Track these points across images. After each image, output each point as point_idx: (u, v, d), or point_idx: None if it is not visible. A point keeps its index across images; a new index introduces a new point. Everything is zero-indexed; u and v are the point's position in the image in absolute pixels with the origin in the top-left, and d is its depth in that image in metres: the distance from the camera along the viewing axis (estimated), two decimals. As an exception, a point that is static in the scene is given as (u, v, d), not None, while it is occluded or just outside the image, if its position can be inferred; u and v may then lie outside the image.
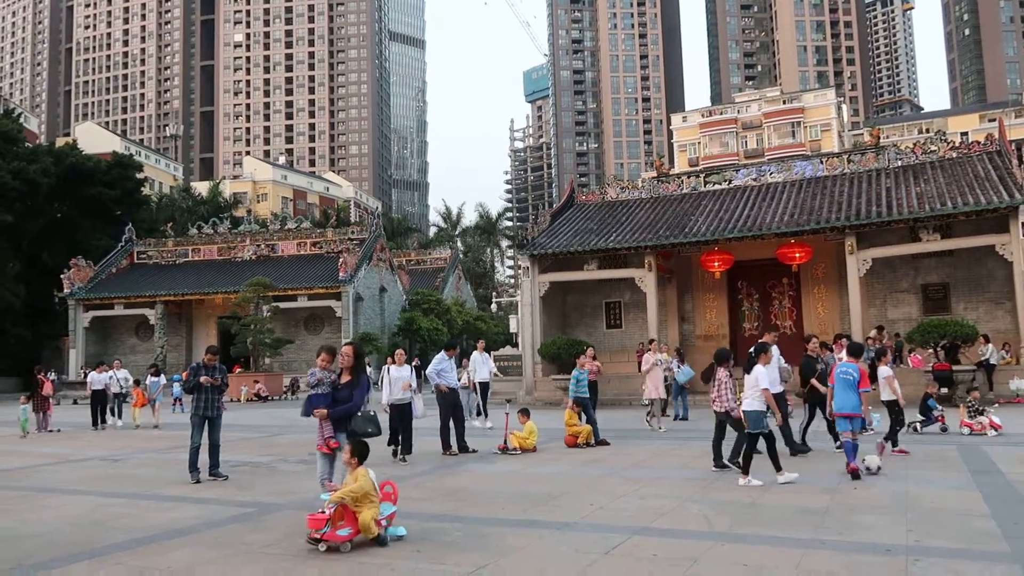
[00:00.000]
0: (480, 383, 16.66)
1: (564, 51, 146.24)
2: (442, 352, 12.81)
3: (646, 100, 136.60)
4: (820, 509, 7.17)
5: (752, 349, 9.92)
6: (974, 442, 10.76)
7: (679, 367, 17.88)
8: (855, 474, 8.59)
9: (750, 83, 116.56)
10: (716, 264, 23.32)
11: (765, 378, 8.71)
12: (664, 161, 31.54)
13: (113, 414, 19.53)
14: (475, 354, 17.03)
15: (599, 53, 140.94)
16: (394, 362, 11.65)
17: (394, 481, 6.80)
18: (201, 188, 78.32)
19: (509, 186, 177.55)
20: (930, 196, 20.90)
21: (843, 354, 17.29)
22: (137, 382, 20.41)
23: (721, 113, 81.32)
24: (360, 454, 6.41)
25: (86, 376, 36.84)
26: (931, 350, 19.68)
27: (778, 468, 8.56)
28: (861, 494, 7.88)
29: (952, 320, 19.96)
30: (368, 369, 21.90)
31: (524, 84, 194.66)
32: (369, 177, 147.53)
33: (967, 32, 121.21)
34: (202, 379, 9.89)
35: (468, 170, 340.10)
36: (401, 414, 11.23)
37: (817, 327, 23.41)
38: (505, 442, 12.13)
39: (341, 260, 38.96)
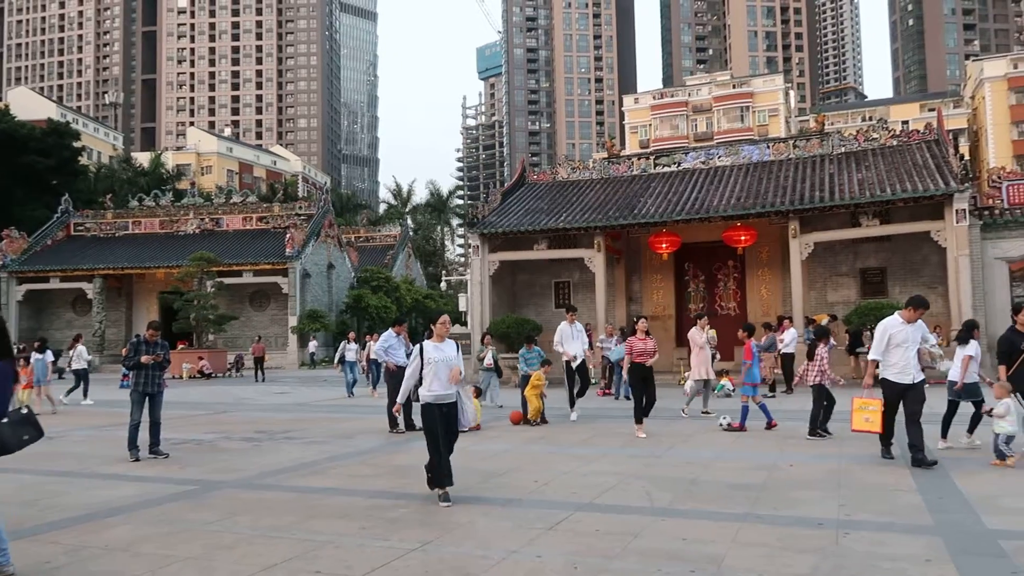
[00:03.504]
0: (568, 362, 13.40)
1: (518, 28, 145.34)
2: (390, 330, 12.79)
3: (599, 81, 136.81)
4: (757, 485, 7.40)
5: (964, 324, 9.93)
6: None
7: (615, 345, 18.15)
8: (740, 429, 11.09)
9: (701, 67, 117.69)
10: (664, 246, 23.63)
11: (973, 348, 9.23)
12: (615, 142, 31.74)
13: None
14: (563, 325, 13.60)
15: (553, 32, 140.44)
16: (427, 337, 7.47)
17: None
18: (142, 159, 75.85)
19: (460, 164, 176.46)
20: (871, 183, 21.48)
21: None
22: (26, 359, 16.99)
23: (672, 96, 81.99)
24: None
25: (20, 352, 35.49)
26: (868, 332, 20.33)
27: (943, 435, 9.29)
28: (796, 471, 8.15)
29: (888, 303, 20.63)
30: (351, 347, 21.24)
31: (477, 61, 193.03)
32: (318, 152, 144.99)
33: (911, 22, 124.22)
34: (143, 359, 9.68)
35: (419, 147, 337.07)
36: (445, 420, 6.97)
37: (760, 309, 23.98)
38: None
39: (288, 236, 38.29)
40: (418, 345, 7.16)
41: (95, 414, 16.32)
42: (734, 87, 79.09)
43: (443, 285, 58.33)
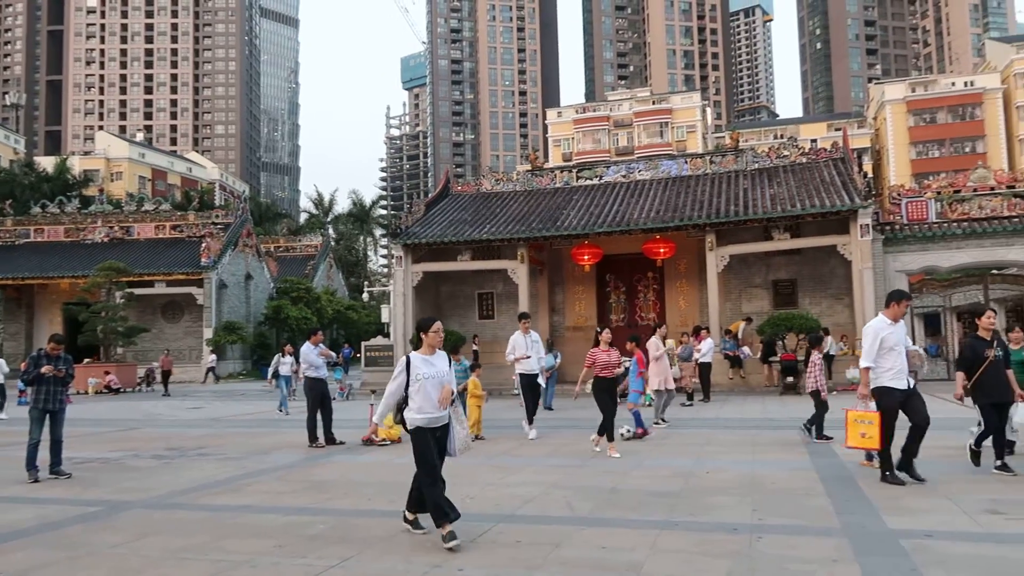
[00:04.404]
0: (523, 374, 12.38)
1: (442, 40, 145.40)
2: (308, 342, 12.55)
3: (523, 94, 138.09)
4: (675, 492, 7.55)
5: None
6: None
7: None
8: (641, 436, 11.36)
9: (623, 82, 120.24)
10: (586, 257, 23.98)
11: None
12: (539, 155, 32.14)
13: None
14: (517, 335, 12.46)
15: (477, 44, 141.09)
16: (419, 347, 6.19)
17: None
18: (46, 163, 72.17)
19: (384, 174, 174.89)
20: (782, 198, 22.36)
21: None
22: None
23: (594, 110, 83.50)
24: None
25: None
26: (780, 341, 21.12)
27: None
28: (712, 477, 8.36)
29: (798, 314, 21.52)
30: (286, 361, 19.90)
31: (401, 71, 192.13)
32: (236, 159, 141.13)
33: (819, 46, 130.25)
34: (43, 369, 9.20)
35: (342, 156, 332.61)
36: (438, 441, 6.01)
37: (679, 319, 24.58)
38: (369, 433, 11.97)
39: (204, 245, 37.12)
40: (404, 357, 6.05)
41: (-9, 433, 15.36)
42: (654, 103, 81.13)
43: (365, 296, 57.45)
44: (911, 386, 7.66)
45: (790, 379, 19.95)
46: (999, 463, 7.95)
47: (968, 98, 71.97)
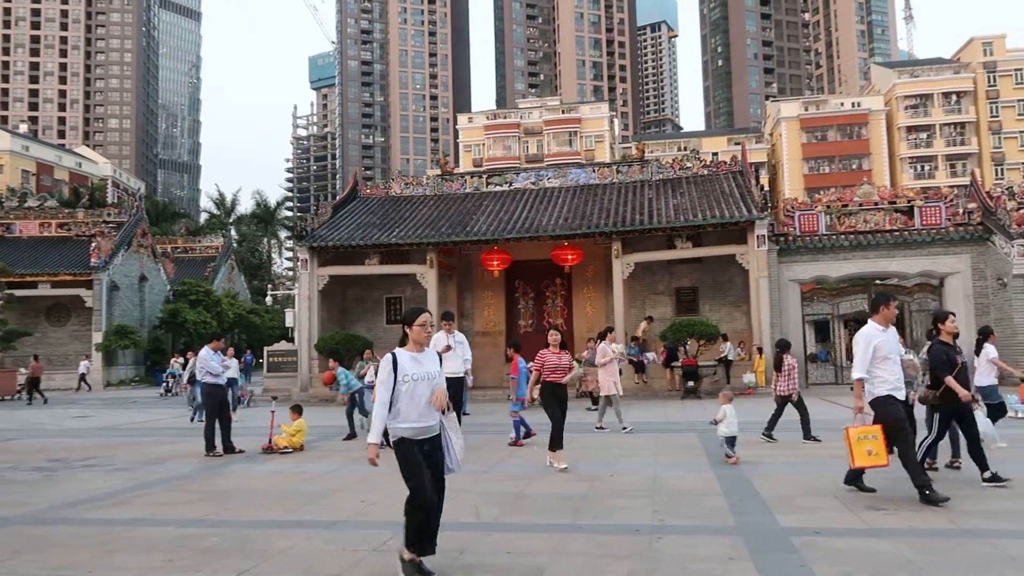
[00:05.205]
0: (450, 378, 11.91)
1: (352, 40, 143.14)
2: (206, 348, 12.09)
3: (434, 98, 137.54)
4: (579, 495, 7.65)
5: (980, 331, 10.34)
6: (710, 429, 12.01)
7: None
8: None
9: (533, 91, 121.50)
10: (495, 263, 24.06)
11: (993, 352, 9.80)
12: (449, 160, 32.10)
13: None
14: (439, 336, 11.78)
15: (388, 46, 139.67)
16: (400, 347, 5.35)
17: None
18: (-83, 154, 66.96)
19: (290, 175, 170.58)
20: (684, 208, 23.08)
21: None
22: None
23: (505, 117, 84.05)
24: None
25: None
26: (682, 347, 21.76)
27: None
28: (616, 480, 8.52)
29: (699, 320, 22.22)
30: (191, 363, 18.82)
31: (310, 70, 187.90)
32: (131, 155, 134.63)
33: (720, 63, 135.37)
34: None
35: (246, 156, 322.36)
36: (427, 462, 5.14)
37: (585, 325, 24.98)
38: (270, 441, 11.66)
39: (94, 244, 35.16)
40: (389, 355, 5.12)
41: None
42: (563, 112, 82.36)
43: (269, 300, 55.81)
44: (906, 399, 7.17)
45: (691, 383, 20.58)
46: (988, 474, 7.40)
47: (855, 118, 76.32)
